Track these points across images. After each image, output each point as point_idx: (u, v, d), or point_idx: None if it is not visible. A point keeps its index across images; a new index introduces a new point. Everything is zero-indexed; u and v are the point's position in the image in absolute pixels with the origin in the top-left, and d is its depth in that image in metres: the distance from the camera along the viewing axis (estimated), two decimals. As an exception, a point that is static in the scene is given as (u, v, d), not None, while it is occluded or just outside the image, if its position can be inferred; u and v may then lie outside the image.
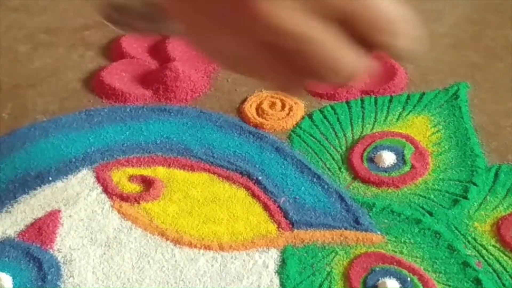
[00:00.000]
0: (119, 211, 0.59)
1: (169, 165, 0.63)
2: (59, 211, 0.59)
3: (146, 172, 0.62)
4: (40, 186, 0.61)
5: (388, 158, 0.62)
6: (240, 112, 0.68)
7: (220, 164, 0.62)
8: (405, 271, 0.54)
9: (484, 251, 0.56)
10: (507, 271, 0.54)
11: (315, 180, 0.61)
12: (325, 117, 0.68)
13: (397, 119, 0.67)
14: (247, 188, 0.60)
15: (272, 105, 0.69)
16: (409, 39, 0.37)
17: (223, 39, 0.36)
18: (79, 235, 0.57)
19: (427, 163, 0.63)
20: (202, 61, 0.73)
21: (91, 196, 0.60)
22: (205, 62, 0.73)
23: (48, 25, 0.81)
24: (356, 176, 0.62)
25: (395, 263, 0.54)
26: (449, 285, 0.53)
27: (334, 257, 0.55)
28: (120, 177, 0.62)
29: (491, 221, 0.58)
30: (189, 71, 0.71)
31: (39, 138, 0.65)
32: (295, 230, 0.57)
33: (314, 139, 0.65)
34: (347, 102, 0.69)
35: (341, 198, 0.59)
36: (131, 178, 0.62)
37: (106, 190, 0.60)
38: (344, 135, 0.66)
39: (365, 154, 0.63)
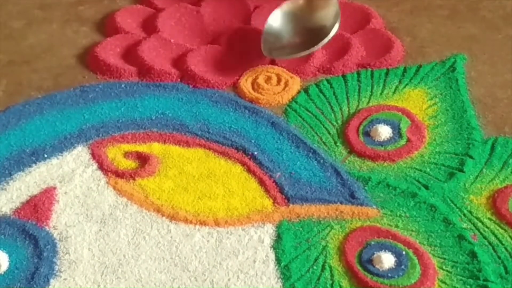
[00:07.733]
0: (114, 188, 0.59)
1: (165, 141, 0.62)
2: (55, 188, 0.59)
3: (142, 148, 0.62)
4: (35, 163, 0.61)
5: (384, 131, 0.62)
6: (235, 87, 0.68)
7: (216, 139, 0.62)
8: (400, 245, 0.54)
9: (479, 224, 0.56)
10: (502, 244, 0.54)
11: (310, 154, 0.61)
12: (321, 91, 0.67)
13: (394, 92, 0.67)
14: (243, 164, 0.60)
15: (268, 79, 0.68)
16: None
17: None
18: (75, 212, 0.57)
19: (423, 136, 0.62)
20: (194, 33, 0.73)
21: (87, 172, 0.60)
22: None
23: (42, 0, 0.80)
24: (352, 150, 0.62)
25: (390, 237, 0.54)
26: (445, 258, 0.53)
27: (329, 231, 0.55)
28: (116, 153, 0.62)
29: (487, 194, 0.58)
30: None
31: (34, 115, 0.65)
32: (291, 205, 0.57)
33: (310, 114, 0.65)
34: (343, 76, 0.69)
35: (337, 173, 0.59)
36: (126, 154, 0.62)
37: (101, 166, 0.60)
38: (340, 109, 0.66)
39: (361, 128, 0.63)
